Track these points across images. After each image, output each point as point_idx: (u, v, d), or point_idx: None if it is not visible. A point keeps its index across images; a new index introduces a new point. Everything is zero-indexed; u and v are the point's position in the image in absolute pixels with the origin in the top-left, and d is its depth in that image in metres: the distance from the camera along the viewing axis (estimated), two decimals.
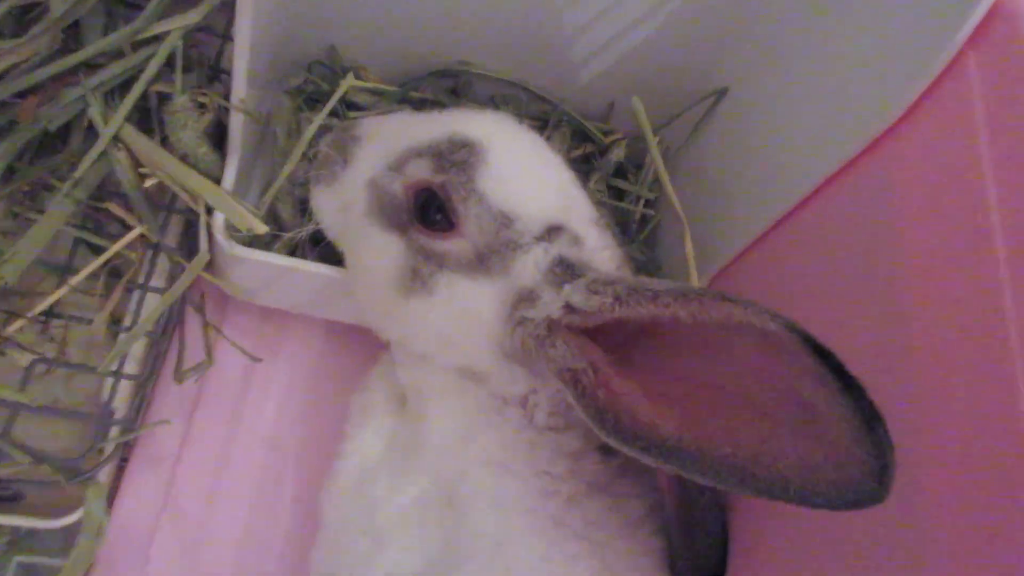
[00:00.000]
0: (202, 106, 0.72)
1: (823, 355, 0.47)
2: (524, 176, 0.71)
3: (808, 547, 0.63)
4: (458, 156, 0.69)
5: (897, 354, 0.58)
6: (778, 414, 0.50)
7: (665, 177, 0.88)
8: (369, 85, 0.96)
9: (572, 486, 0.70)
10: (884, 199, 0.65)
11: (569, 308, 0.64)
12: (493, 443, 0.70)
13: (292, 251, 0.84)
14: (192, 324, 0.85)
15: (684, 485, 0.70)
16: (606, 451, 0.73)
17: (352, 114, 0.94)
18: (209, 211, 0.75)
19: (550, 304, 0.65)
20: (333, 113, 0.96)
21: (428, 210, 0.69)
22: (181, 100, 0.70)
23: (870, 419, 0.44)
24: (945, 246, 0.59)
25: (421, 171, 0.70)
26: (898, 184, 0.64)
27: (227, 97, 0.72)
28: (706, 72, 0.95)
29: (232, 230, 0.77)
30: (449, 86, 1.01)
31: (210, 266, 0.82)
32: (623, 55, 0.97)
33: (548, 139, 0.93)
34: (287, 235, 0.79)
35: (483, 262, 0.68)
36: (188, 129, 0.70)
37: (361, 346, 0.88)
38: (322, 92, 0.97)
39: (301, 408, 0.90)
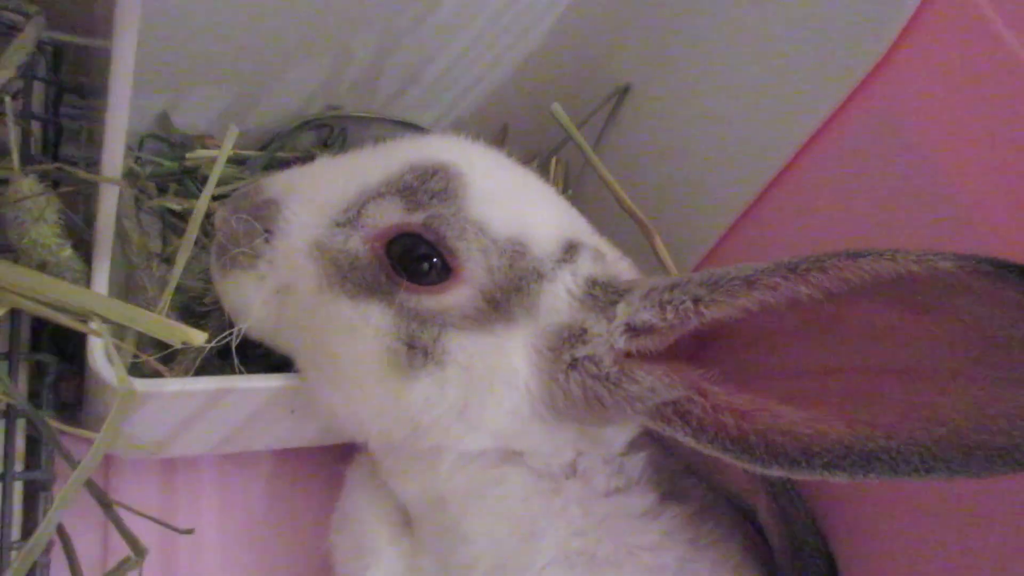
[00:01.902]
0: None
1: None
2: (518, 193, 0.58)
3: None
4: (434, 185, 0.54)
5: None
6: (979, 367, 0.42)
7: (613, 181, 0.78)
8: (228, 153, 0.77)
9: (674, 554, 0.56)
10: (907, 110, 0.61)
11: (633, 331, 0.51)
12: (565, 534, 0.55)
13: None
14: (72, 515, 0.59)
15: (784, 509, 0.59)
16: (676, 497, 0.60)
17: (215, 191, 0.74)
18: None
19: (607, 333, 0.52)
20: (184, 195, 0.76)
21: (412, 260, 0.53)
22: (27, 182, 0.48)
23: None
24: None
25: (387, 215, 0.54)
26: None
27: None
28: (606, 72, 0.88)
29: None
30: (320, 138, 0.85)
31: (71, 421, 0.58)
32: (509, 76, 0.88)
33: None
34: (209, 345, 0.57)
35: (498, 307, 0.54)
36: (42, 223, 0.48)
37: (325, 469, 0.68)
38: (163, 173, 0.77)
39: None
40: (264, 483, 0.70)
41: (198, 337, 0.48)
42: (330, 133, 0.84)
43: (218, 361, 0.64)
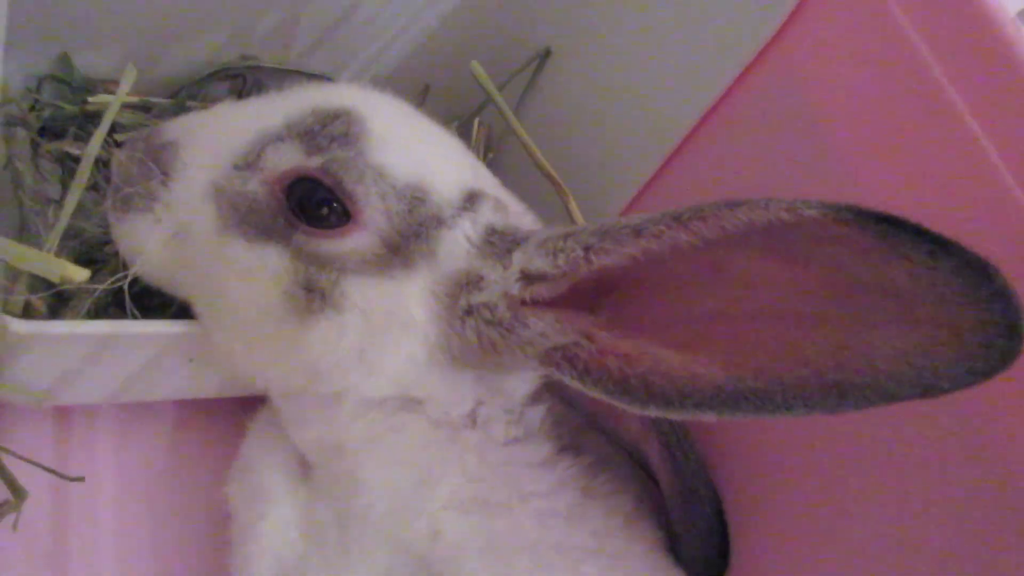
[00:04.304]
0: None
1: (895, 224, 0.41)
2: (421, 141, 0.58)
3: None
4: (335, 129, 0.53)
5: None
6: (844, 311, 0.44)
7: (530, 142, 0.79)
8: (136, 99, 0.75)
9: (566, 499, 0.58)
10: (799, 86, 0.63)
11: (527, 278, 0.52)
12: (460, 480, 0.56)
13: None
14: None
15: (675, 458, 0.61)
16: (574, 449, 0.62)
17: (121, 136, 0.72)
18: None
19: (502, 280, 0.53)
20: (85, 140, 0.74)
21: (311, 204, 0.53)
22: None
23: (981, 272, 0.39)
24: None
25: (287, 158, 0.54)
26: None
27: None
28: (528, 36, 0.88)
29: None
30: (234, 89, 0.83)
31: None
32: (429, 35, 0.87)
33: None
34: (101, 286, 0.56)
35: (398, 253, 0.54)
36: None
37: (229, 422, 0.67)
38: (63, 116, 0.74)
39: (156, 533, 0.66)
40: (166, 435, 0.69)
41: (79, 274, 0.47)
42: (244, 84, 0.83)
43: (117, 311, 0.63)
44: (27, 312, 0.56)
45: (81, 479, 0.59)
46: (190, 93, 0.79)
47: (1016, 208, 0.50)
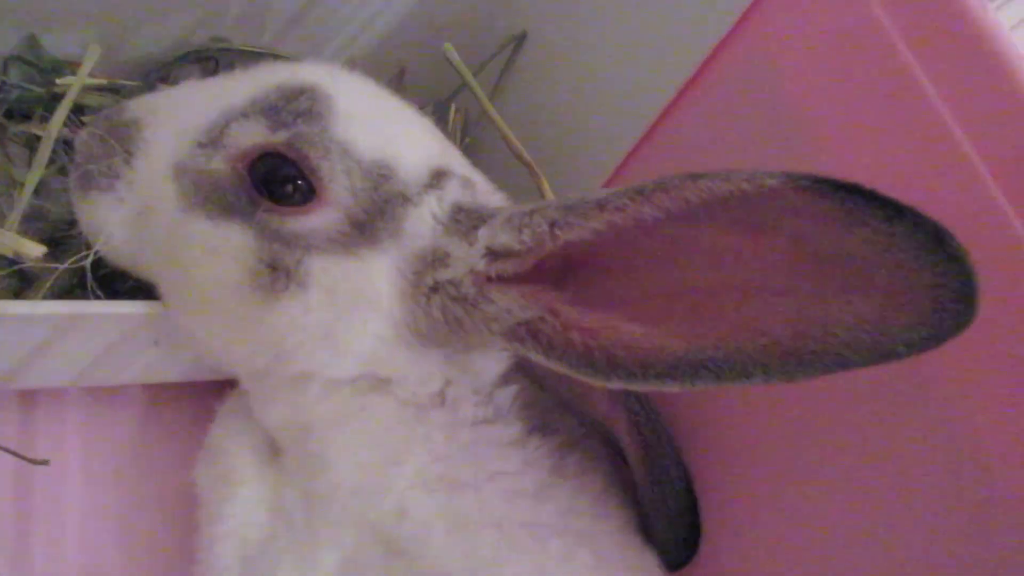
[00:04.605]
0: None
1: (853, 191, 0.40)
2: (388, 118, 0.57)
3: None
4: (300, 105, 0.53)
5: None
6: (803, 281, 0.44)
7: (504, 125, 0.78)
8: (104, 81, 0.74)
9: (534, 478, 0.57)
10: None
11: (492, 255, 0.52)
12: (426, 460, 0.56)
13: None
14: None
15: (644, 437, 0.61)
16: (543, 430, 0.61)
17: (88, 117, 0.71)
18: None
19: (467, 257, 0.52)
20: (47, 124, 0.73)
21: (275, 182, 0.53)
22: None
23: (935, 236, 0.39)
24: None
25: (251, 135, 0.53)
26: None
27: None
28: (503, 19, 0.88)
29: None
30: (205, 73, 0.82)
31: None
32: (404, 18, 0.87)
33: None
34: (63, 266, 0.55)
35: (363, 231, 0.53)
36: None
37: (198, 406, 0.66)
38: (29, 98, 0.73)
39: (122, 517, 0.66)
40: (134, 420, 0.69)
41: (35, 250, 0.46)
42: (215, 67, 0.82)
43: (83, 294, 0.62)
44: None
45: (46, 462, 0.58)
46: (160, 75, 0.78)
47: (983, 186, 0.51)
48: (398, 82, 0.92)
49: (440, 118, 0.89)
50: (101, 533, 0.64)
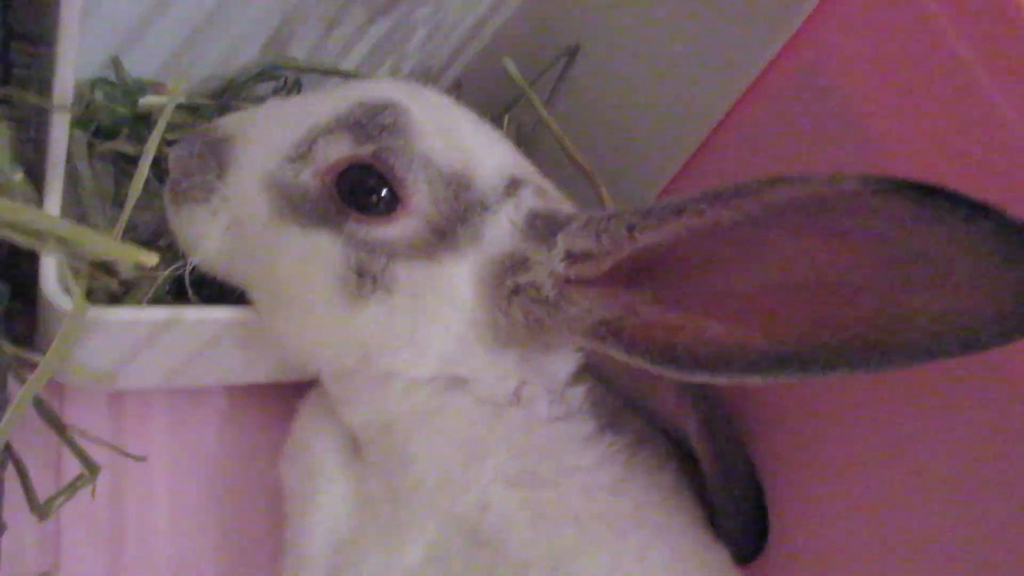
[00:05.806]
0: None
1: (932, 192, 0.42)
2: (464, 130, 0.60)
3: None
4: (383, 119, 0.56)
5: None
6: (882, 277, 0.45)
7: (562, 135, 0.81)
8: (182, 99, 0.78)
9: (609, 473, 0.59)
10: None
11: (572, 258, 0.54)
12: (506, 456, 0.58)
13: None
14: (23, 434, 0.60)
15: (713, 432, 0.63)
16: (614, 428, 0.64)
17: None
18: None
19: (547, 260, 0.55)
20: (137, 141, 0.77)
21: (361, 192, 0.56)
22: None
23: (1017, 234, 0.40)
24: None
25: (338, 149, 0.56)
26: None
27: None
28: (557, 33, 0.91)
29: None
30: (275, 90, 0.86)
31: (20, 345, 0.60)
32: (462, 34, 0.90)
33: None
34: (164, 273, 0.59)
35: (444, 237, 0.56)
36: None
37: (279, 407, 0.69)
38: (115, 117, 0.77)
39: (209, 512, 0.69)
40: (217, 419, 0.72)
41: (150, 258, 0.49)
42: (284, 84, 0.86)
43: (172, 301, 0.66)
44: (90, 299, 0.59)
45: (143, 458, 0.62)
46: (234, 93, 0.82)
47: None
48: (454, 95, 0.95)
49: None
50: (189, 526, 0.67)
